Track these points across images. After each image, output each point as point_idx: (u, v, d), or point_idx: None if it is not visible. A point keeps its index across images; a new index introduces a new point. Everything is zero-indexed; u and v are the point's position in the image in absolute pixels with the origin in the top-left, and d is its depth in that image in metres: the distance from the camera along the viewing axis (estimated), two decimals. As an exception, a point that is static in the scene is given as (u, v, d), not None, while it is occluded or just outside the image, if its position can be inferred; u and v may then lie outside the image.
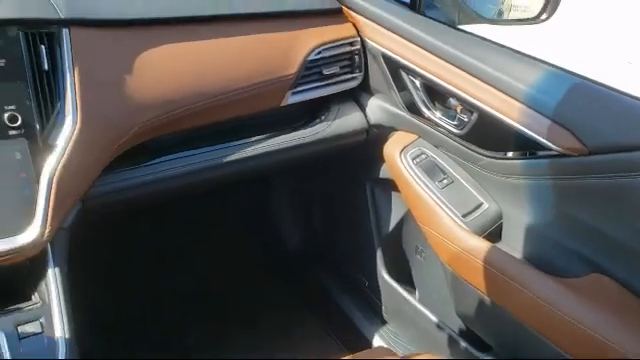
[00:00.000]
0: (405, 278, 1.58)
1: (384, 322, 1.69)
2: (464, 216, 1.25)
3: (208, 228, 1.89)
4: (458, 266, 1.25)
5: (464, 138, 1.25)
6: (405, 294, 1.55)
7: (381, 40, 1.33)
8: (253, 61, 1.24)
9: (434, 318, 1.47)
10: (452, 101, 1.25)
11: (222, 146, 1.26)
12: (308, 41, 1.31)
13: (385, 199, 1.56)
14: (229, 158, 1.26)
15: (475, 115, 1.19)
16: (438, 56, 1.22)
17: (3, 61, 0.94)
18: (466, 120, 1.22)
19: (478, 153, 1.24)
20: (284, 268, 1.98)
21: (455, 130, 1.26)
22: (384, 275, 1.61)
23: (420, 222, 1.33)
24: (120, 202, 1.17)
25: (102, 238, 1.31)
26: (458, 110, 1.24)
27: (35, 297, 0.98)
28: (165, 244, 1.79)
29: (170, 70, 1.14)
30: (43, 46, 0.99)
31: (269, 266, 1.98)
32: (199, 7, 1.22)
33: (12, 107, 0.95)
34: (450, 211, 1.26)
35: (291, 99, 1.33)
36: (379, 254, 1.61)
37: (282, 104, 1.32)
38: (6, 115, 0.94)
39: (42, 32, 0.99)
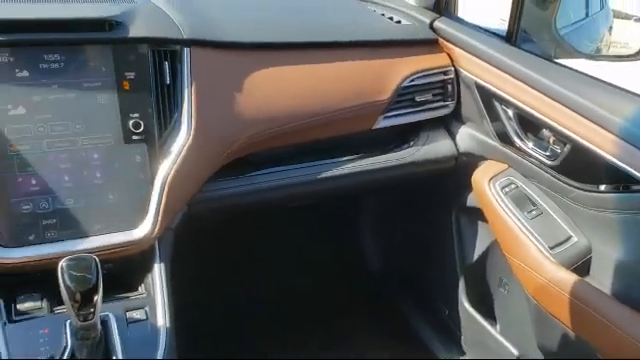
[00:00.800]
0: (487, 309, 1.57)
1: (463, 352, 1.68)
2: (552, 248, 1.24)
3: (296, 242, 1.96)
4: (543, 299, 1.24)
5: (556, 169, 1.25)
6: (486, 325, 1.54)
7: (475, 70, 1.36)
8: (350, 85, 1.32)
9: (515, 351, 1.45)
10: (545, 132, 1.26)
11: (316, 163, 1.33)
12: (403, 69, 1.37)
13: (471, 228, 1.56)
14: (322, 175, 1.33)
15: (568, 146, 1.19)
16: (533, 87, 1.24)
17: (133, 74, 1.07)
18: (559, 151, 1.22)
19: (569, 185, 1.23)
20: (364, 289, 2.01)
21: (547, 161, 1.26)
22: (465, 304, 1.60)
23: (506, 252, 1.33)
24: (220, 209, 1.26)
25: (200, 242, 1.40)
26: (551, 141, 1.25)
27: (141, 288, 1.08)
28: (255, 253, 1.88)
29: (275, 90, 1.23)
30: (167, 62, 1.10)
31: (349, 286, 2.02)
32: (305, 34, 1.32)
33: (136, 115, 1.07)
34: (538, 242, 1.25)
35: (382, 123, 1.39)
36: (461, 283, 1.61)
37: (373, 127, 1.38)
38: (131, 122, 1.06)
39: (167, 50, 1.11)
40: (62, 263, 0.85)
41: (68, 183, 1.02)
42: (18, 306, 0.99)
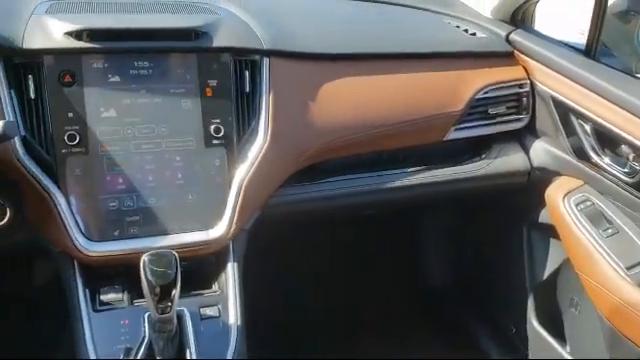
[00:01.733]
0: (556, 329, 1.53)
1: None
2: (629, 268, 1.20)
3: (357, 253, 1.97)
4: (618, 320, 1.20)
5: (634, 187, 1.21)
6: (556, 345, 1.50)
7: (552, 84, 1.34)
8: (423, 96, 1.32)
9: None
10: (624, 148, 1.23)
11: (386, 172, 1.34)
12: (477, 80, 1.37)
13: (542, 244, 1.53)
14: (391, 184, 1.34)
15: (649, 163, 1.16)
16: (613, 102, 1.21)
17: (215, 81, 1.12)
18: (638, 168, 1.18)
19: None
20: (425, 302, 1.99)
21: (625, 178, 1.22)
22: (534, 323, 1.56)
23: (579, 271, 1.30)
24: (291, 214, 1.30)
25: (268, 245, 1.44)
26: (630, 157, 1.21)
27: (215, 286, 1.13)
28: (317, 262, 1.90)
29: (349, 100, 1.25)
30: (247, 71, 1.15)
31: (410, 299, 2.00)
32: (379, 46, 1.34)
33: (217, 120, 1.12)
34: (613, 261, 1.21)
35: (453, 134, 1.38)
36: (530, 301, 1.58)
37: (444, 139, 1.38)
38: (212, 127, 1.11)
39: (247, 60, 1.16)
40: (144, 258, 0.90)
41: (151, 183, 1.08)
42: (102, 297, 1.06)
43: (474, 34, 1.46)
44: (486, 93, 1.37)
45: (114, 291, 1.07)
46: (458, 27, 1.50)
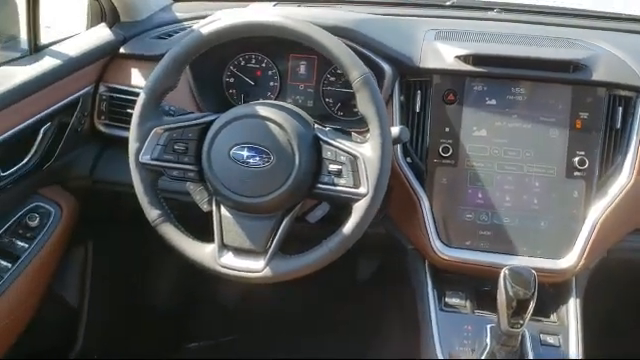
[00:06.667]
0: None
1: None
2: None
3: None
4: None
5: None
6: None
7: None
8: None
9: None
10: None
11: None
12: None
13: None
14: None
15: None
16: None
17: (586, 114, 1.12)
18: None
19: None
20: None
21: None
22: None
23: None
24: (633, 265, 1.22)
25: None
26: None
27: (553, 316, 1.12)
28: None
29: None
30: (620, 107, 1.13)
31: None
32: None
33: (582, 153, 1.12)
34: None
35: None
36: None
37: None
38: (576, 159, 1.11)
39: (622, 96, 1.13)
40: (505, 271, 0.95)
41: (508, 203, 1.13)
42: (446, 299, 1.14)
43: None
44: None
45: (458, 297, 1.14)
46: None
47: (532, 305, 0.93)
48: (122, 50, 1.35)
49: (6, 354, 1.25)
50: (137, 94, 1.03)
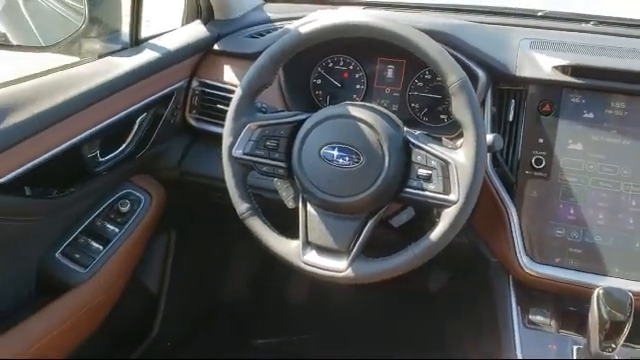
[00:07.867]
0: None
1: None
2: None
3: None
4: None
5: None
6: None
7: None
8: None
9: None
10: None
11: None
12: None
13: None
14: None
15: None
16: None
17: None
18: None
19: None
20: None
21: None
22: None
23: None
24: None
25: None
26: None
27: None
28: None
29: None
30: None
31: None
32: None
33: None
34: None
35: None
36: None
37: None
38: None
39: None
40: (599, 291, 0.91)
41: (601, 221, 1.08)
42: (530, 316, 1.10)
43: None
44: None
45: (542, 314, 1.10)
46: None
47: (627, 329, 0.89)
48: (216, 47, 1.39)
49: (90, 336, 1.31)
50: (228, 90, 1.06)
